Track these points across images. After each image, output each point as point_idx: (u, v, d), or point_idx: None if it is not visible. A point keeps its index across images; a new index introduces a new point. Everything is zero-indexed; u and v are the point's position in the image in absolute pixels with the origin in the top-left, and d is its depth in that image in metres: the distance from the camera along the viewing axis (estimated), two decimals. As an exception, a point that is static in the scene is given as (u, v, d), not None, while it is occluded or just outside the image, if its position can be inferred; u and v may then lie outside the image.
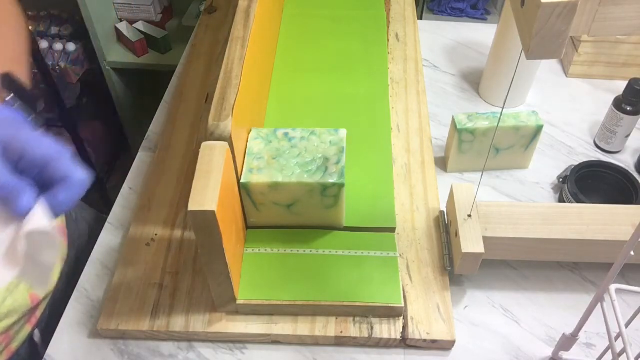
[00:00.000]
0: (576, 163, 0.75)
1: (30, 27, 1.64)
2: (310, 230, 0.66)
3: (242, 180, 0.60)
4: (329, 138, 0.63)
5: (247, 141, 0.64)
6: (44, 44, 1.62)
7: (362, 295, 0.60)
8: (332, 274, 0.62)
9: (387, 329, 0.60)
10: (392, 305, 0.60)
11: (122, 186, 0.78)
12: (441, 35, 1.03)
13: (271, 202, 0.62)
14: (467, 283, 0.67)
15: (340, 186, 0.60)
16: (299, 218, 0.64)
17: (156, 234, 0.69)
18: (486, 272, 0.66)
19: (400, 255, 0.66)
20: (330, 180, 0.59)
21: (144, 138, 0.84)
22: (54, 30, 1.66)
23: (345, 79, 0.85)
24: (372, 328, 0.60)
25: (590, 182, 0.73)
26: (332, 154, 0.62)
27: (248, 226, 0.66)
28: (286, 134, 0.64)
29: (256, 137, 0.64)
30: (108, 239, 0.71)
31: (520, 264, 0.68)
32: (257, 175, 0.60)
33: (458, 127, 0.72)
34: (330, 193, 0.61)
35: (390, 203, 0.68)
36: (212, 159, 0.52)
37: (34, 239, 0.39)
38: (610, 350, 0.48)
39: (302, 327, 0.60)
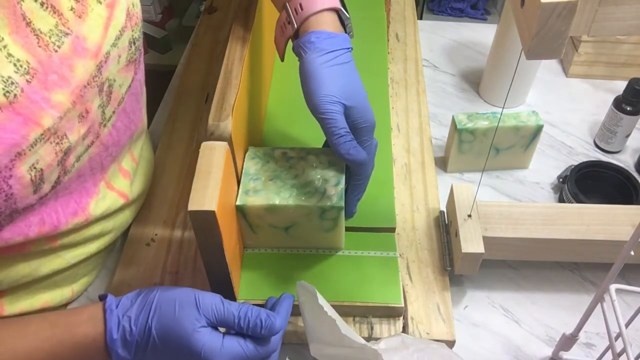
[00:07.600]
0: (576, 163, 0.75)
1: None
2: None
3: (237, 203, 0.57)
4: (328, 158, 0.61)
5: (245, 148, 0.62)
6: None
7: (362, 295, 0.60)
8: (332, 273, 0.62)
9: (387, 329, 0.60)
10: (392, 305, 0.60)
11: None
12: (441, 35, 1.03)
13: (268, 225, 0.60)
14: (467, 283, 0.67)
15: (339, 209, 0.58)
16: (297, 241, 0.63)
17: (156, 234, 0.69)
18: (486, 272, 0.66)
19: (400, 255, 0.66)
20: (329, 203, 0.57)
21: (144, 138, 0.84)
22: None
23: (345, 79, 0.85)
24: (372, 328, 0.60)
25: (590, 182, 0.73)
26: (331, 175, 0.60)
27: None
28: (284, 154, 0.62)
29: (253, 157, 0.62)
30: (108, 239, 0.71)
31: (520, 264, 0.68)
32: (253, 198, 0.58)
33: (458, 127, 0.72)
34: (329, 216, 0.59)
35: (390, 203, 0.68)
36: (212, 159, 0.52)
37: None
38: (610, 350, 0.48)
39: (302, 327, 0.60)
